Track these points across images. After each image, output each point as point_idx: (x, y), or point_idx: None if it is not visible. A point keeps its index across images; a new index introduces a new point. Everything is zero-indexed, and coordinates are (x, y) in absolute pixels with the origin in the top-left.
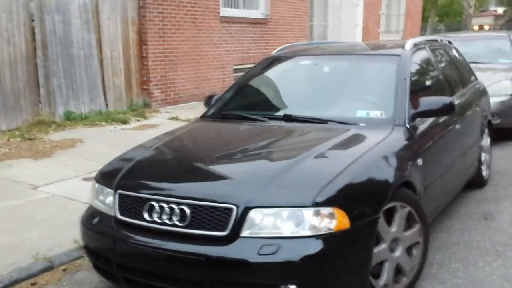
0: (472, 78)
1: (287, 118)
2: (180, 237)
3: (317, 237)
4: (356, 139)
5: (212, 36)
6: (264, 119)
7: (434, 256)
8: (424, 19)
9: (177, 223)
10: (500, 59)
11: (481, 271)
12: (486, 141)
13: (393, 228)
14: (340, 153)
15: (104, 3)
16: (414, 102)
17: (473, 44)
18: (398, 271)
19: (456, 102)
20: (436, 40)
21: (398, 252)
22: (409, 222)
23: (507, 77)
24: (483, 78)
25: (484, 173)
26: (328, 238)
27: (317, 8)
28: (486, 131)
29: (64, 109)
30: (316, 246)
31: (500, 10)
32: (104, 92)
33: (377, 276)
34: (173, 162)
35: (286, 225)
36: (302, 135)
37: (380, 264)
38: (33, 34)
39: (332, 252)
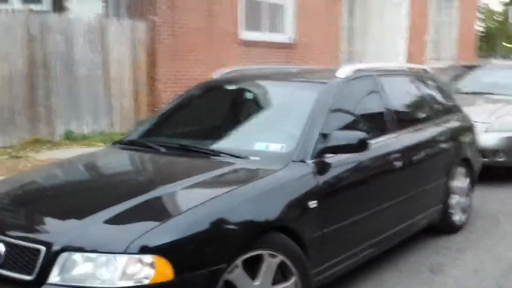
0: (452, 110)
1: (184, 148)
2: None
3: None
4: (232, 175)
5: (230, 59)
6: (159, 148)
7: None
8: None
9: None
10: None
11: None
12: (460, 182)
13: (258, 281)
14: (197, 191)
15: (111, 23)
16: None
17: (497, 74)
18: None
19: (405, 138)
20: (399, 69)
21: None
22: (284, 274)
23: None
24: (491, 110)
25: (457, 217)
26: None
27: (357, 33)
28: (463, 171)
29: (65, 129)
30: None
31: None
32: (110, 112)
33: None
34: (20, 195)
35: (101, 273)
36: (179, 168)
37: None
38: (32, 53)
39: None
